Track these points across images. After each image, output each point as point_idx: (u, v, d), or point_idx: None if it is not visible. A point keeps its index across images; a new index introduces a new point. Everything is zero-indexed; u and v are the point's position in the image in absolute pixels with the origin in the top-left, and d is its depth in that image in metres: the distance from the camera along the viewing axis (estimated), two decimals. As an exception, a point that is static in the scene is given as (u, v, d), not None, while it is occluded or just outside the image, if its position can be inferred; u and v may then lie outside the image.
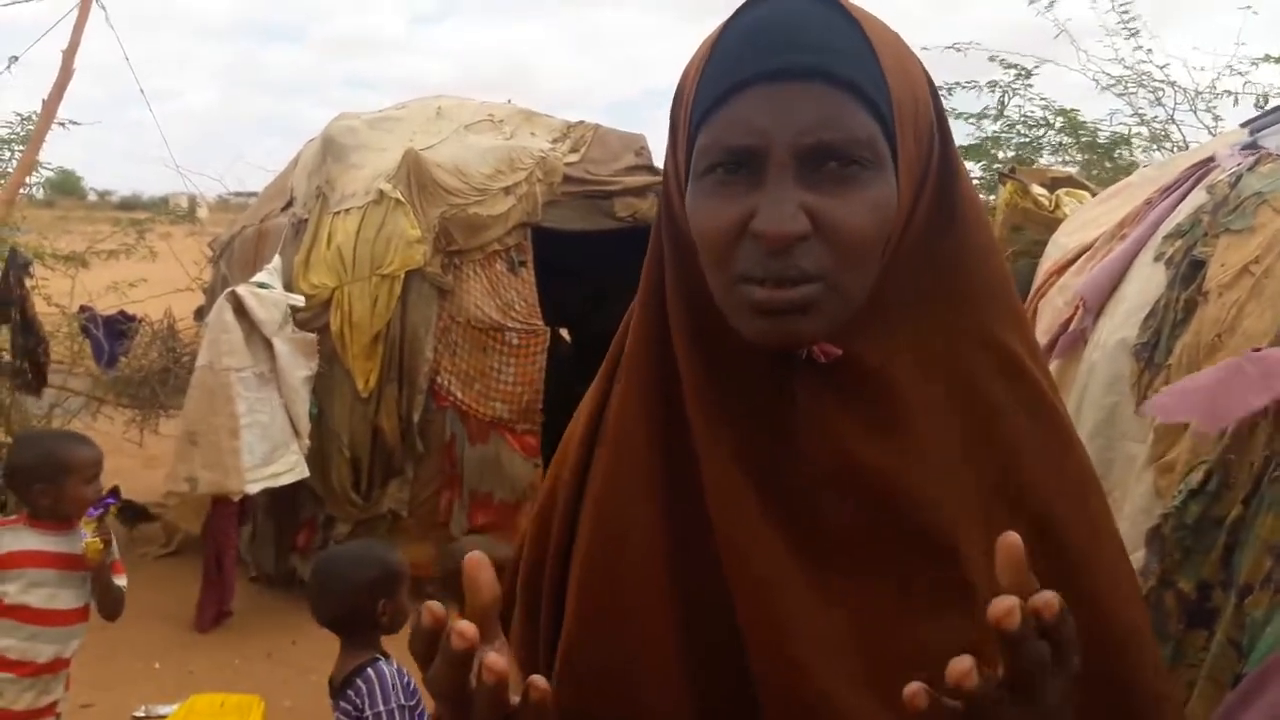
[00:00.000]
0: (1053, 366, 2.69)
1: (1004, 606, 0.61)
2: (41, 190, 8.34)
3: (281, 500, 5.31)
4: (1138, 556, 2.06)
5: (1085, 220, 3.45)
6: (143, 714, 4.18)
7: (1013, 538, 0.65)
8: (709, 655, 0.86)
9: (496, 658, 0.66)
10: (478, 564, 0.70)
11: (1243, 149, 2.65)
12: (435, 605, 0.67)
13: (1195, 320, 2.23)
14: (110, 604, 2.93)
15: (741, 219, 0.80)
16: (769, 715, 0.82)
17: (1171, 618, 1.92)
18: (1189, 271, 2.32)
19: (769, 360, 0.85)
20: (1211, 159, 2.77)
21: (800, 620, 0.82)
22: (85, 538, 2.81)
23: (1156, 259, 2.50)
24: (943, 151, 0.88)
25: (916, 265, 0.86)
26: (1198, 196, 2.57)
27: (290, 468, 5.09)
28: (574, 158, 6.07)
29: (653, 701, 0.86)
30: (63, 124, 5.04)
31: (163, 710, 4.09)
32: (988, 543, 0.77)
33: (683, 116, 0.87)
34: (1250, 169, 2.44)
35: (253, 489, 4.95)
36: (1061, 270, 3.17)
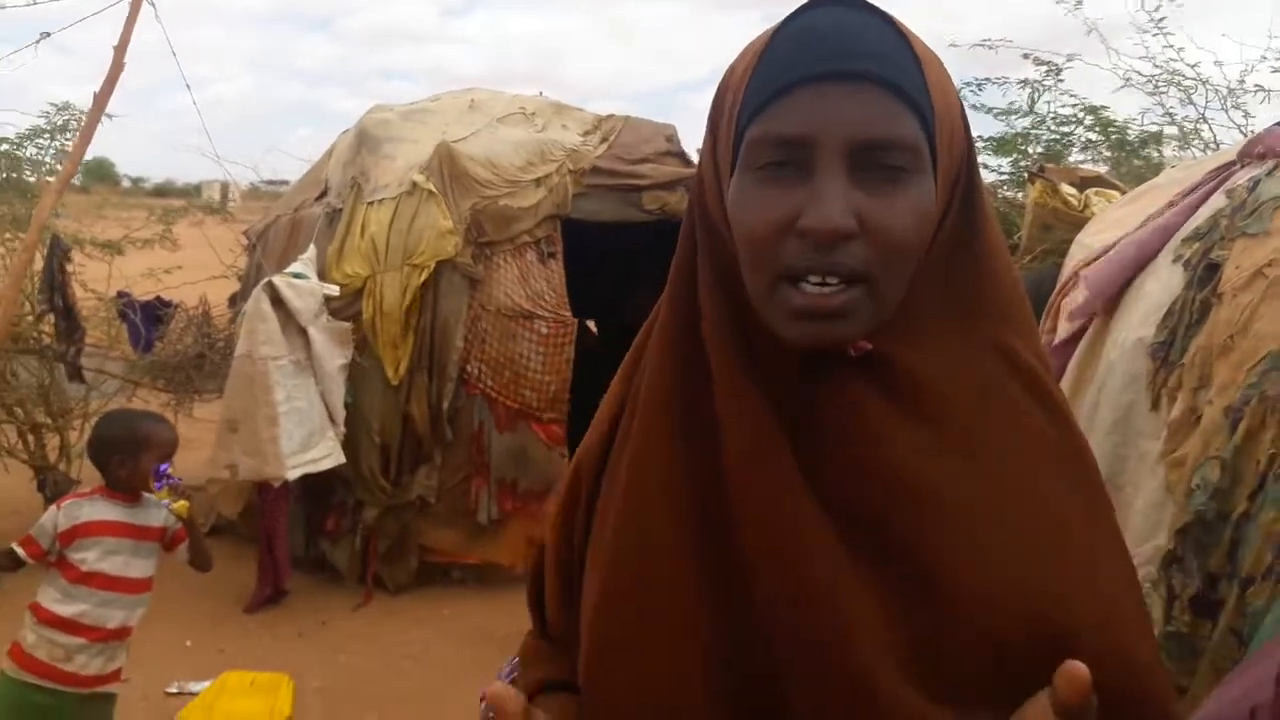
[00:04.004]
0: (1071, 364, 2.73)
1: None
2: (79, 177, 8.49)
3: (313, 485, 5.41)
4: (1148, 548, 2.11)
5: (1110, 221, 3.46)
6: (175, 690, 4.28)
7: (1079, 669, 0.70)
8: (735, 635, 0.86)
9: None
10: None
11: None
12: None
13: (1209, 321, 2.26)
14: (203, 557, 3.16)
15: (788, 217, 0.81)
16: (800, 694, 0.82)
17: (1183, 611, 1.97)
18: (1205, 274, 2.36)
19: (799, 354, 0.86)
20: (1235, 162, 2.79)
21: (826, 595, 0.82)
22: (166, 505, 3.03)
23: (1175, 260, 2.53)
24: (968, 172, 0.90)
25: (939, 275, 0.88)
26: (1217, 200, 2.60)
27: (328, 453, 5.18)
28: (604, 148, 6.12)
29: (672, 677, 0.87)
30: (107, 116, 5.16)
31: (195, 687, 4.20)
32: (1005, 537, 0.82)
33: (727, 117, 0.88)
34: (1270, 174, 2.47)
35: (292, 475, 5.03)
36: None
